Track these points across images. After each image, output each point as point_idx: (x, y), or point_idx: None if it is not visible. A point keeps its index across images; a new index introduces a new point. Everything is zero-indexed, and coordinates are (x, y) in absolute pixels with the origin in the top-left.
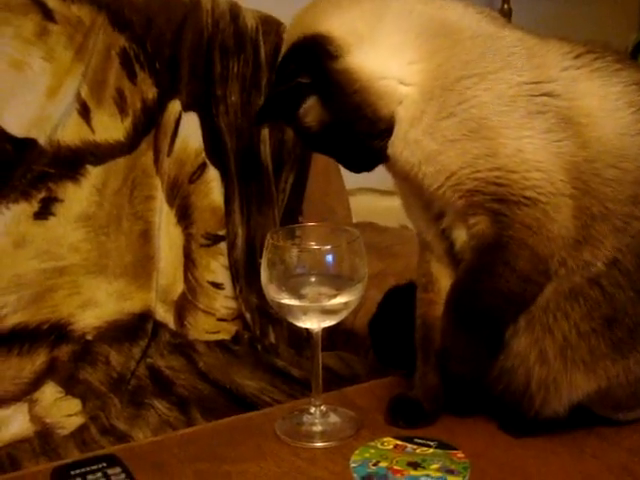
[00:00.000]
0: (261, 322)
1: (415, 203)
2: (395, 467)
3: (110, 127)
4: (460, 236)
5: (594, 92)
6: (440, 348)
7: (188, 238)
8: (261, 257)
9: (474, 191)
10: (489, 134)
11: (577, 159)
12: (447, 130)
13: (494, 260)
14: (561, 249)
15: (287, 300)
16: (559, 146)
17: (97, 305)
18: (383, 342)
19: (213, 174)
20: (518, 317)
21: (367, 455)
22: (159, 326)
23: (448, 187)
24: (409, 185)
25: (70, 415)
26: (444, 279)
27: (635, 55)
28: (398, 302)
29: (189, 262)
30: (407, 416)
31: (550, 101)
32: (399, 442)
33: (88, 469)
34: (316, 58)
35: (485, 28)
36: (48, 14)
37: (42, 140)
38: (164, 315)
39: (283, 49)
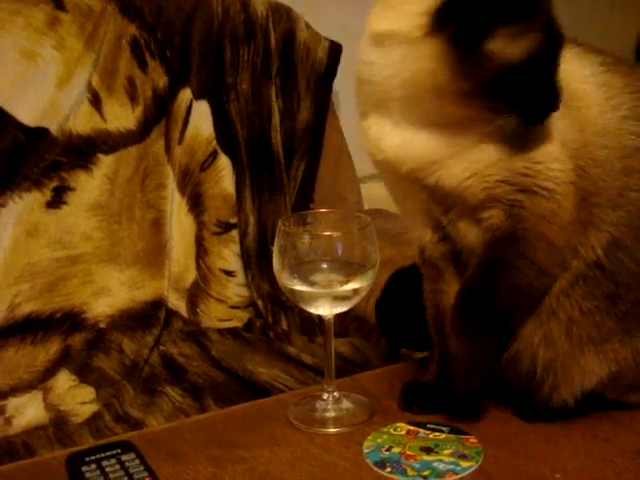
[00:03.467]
0: (273, 309)
1: (413, 205)
2: (408, 452)
3: (121, 116)
4: (467, 229)
5: (577, 74)
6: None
7: (200, 226)
8: (272, 244)
9: (502, 181)
10: None
11: (576, 146)
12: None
13: (511, 254)
14: (572, 235)
15: (299, 286)
16: (565, 134)
17: (110, 293)
18: (390, 323)
19: (224, 162)
20: (529, 315)
21: (380, 441)
22: (172, 314)
23: (478, 177)
24: (412, 185)
25: (84, 403)
26: (448, 273)
27: None
28: (403, 283)
29: (201, 250)
30: (421, 401)
31: None
32: (412, 427)
33: (103, 455)
34: None
35: None
36: (59, 3)
37: (54, 129)
38: (176, 303)
39: None
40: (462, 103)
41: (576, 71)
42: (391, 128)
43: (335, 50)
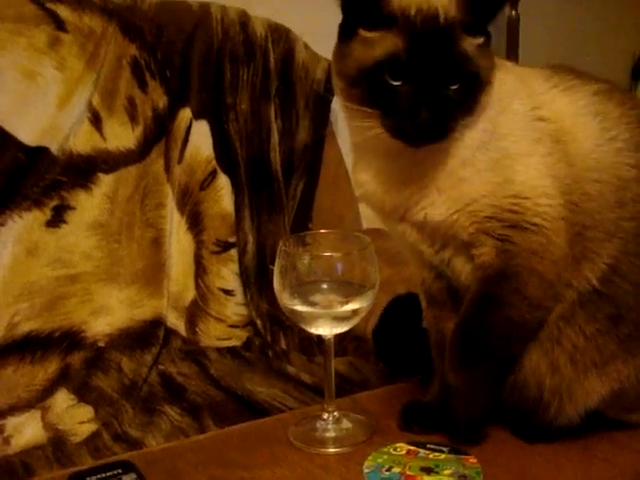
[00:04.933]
0: (272, 328)
1: (412, 248)
2: (408, 472)
3: (121, 135)
4: (462, 268)
5: (567, 110)
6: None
7: (199, 245)
8: (271, 264)
9: (489, 217)
10: (507, 162)
11: (568, 181)
12: (480, 162)
13: (503, 290)
14: (564, 270)
15: (299, 307)
16: (555, 169)
17: (109, 312)
18: (387, 351)
19: (223, 181)
20: (526, 347)
21: (380, 461)
22: (170, 333)
23: (464, 213)
24: (402, 224)
25: (83, 422)
26: (448, 304)
27: None
28: (400, 312)
29: (200, 269)
30: (421, 421)
31: (545, 126)
32: (412, 447)
33: (104, 475)
34: None
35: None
36: (60, 24)
37: (54, 149)
38: (175, 322)
39: None
40: (343, 101)
41: (566, 108)
42: (366, 164)
43: None
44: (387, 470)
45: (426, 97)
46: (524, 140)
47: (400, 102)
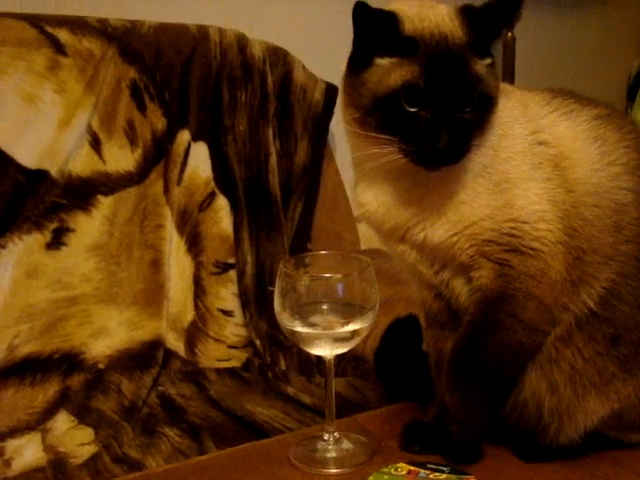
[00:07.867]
0: (271, 349)
1: (412, 269)
2: None
3: (121, 158)
4: (462, 289)
5: (566, 134)
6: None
7: (198, 266)
8: (270, 284)
9: (488, 241)
10: (507, 186)
11: (567, 207)
12: (480, 185)
13: (500, 313)
14: (561, 294)
15: (300, 328)
16: (554, 194)
17: (108, 334)
18: (389, 373)
19: (222, 203)
20: (524, 369)
21: None
22: (170, 354)
23: (463, 235)
24: (402, 244)
25: (83, 444)
26: (449, 324)
27: (639, 81)
28: (401, 334)
29: (199, 290)
30: (422, 441)
31: (545, 150)
32: (412, 468)
33: None
34: None
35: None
36: (60, 48)
37: (54, 171)
38: (175, 343)
39: None
40: (356, 131)
41: (565, 132)
42: (368, 184)
43: (331, 92)
44: None
45: (445, 121)
46: (524, 164)
47: (419, 127)
